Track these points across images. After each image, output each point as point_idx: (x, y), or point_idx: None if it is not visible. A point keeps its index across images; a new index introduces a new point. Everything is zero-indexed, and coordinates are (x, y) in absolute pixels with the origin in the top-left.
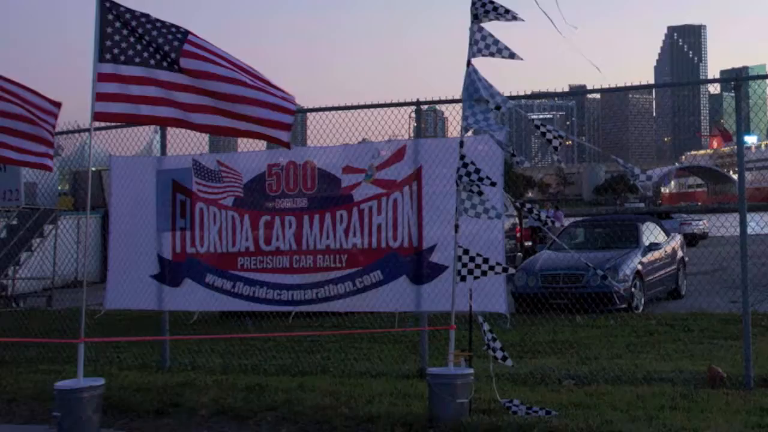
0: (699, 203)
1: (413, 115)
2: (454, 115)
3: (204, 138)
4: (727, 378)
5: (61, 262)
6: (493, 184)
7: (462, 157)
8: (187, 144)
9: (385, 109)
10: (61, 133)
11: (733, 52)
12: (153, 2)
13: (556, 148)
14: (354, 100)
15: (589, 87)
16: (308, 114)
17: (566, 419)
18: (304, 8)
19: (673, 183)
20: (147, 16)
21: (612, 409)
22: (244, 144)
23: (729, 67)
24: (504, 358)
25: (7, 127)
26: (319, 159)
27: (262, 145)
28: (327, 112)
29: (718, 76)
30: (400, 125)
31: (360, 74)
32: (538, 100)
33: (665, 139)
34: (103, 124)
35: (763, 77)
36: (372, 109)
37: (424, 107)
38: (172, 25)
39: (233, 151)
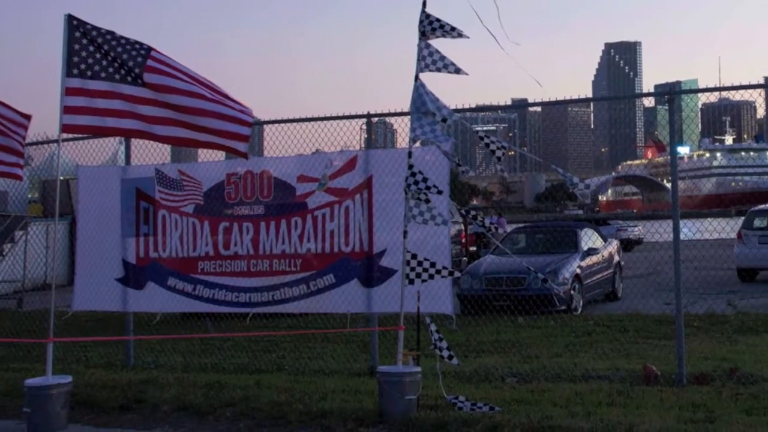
0: (634, 210)
1: (364, 127)
2: (402, 127)
3: (166, 149)
4: (661, 376)
5: (31, 266)
6: (439, 192)
7: (410, 166)
8: (150, 154)
9: (338, 121)
10: (31, 144)
11: (667, 67)
12: (117, 19)
13: (499, 159)
14: (308, 112)
15: (530, 100)
16: (265, 126)
17: (509, 415)
18: (262, 26)
19: (610, 191)
20: (112, 33)
21: (552, 405)
22: (204, 154)
23: (663, 81)
24: (450, 357)
25: None
26: (275, 168)
27: (221, 155)
28: (282, 124)
29: (652, 90)
30: (352, 137)
31: (314, 88)
32: (482, 113)
33: (602, 149)
34: (70, 135)
35: (695, 91)
36: (325, 122)
37: (375, 120)
38: (136, 42)
39: (194, 161)
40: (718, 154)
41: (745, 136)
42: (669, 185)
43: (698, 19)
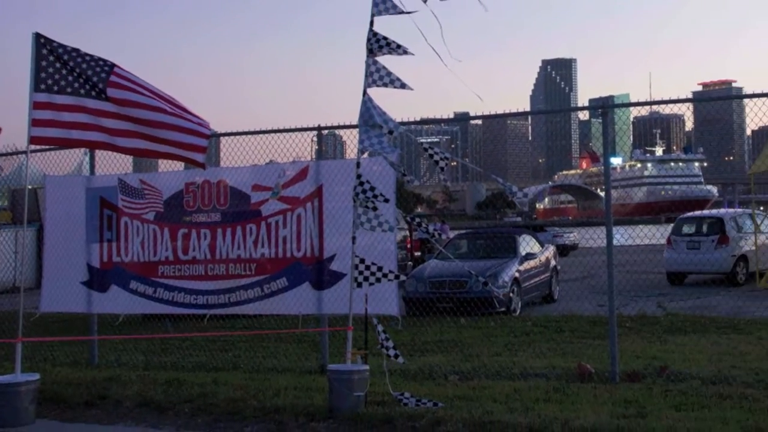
0: (570, 218)
1: (315, 138)
2: (351, 139)
3: (128, 159)
4: (595, 373)
5: (0, 270)
6: (386, 200)
7: (358, 176)
8: (114, 164)
9: (290, 133)
10: (1, 155)
11: (601, 82)
12: (81, 36)
13: (442, 169)
14: (262, 125)
15: (472, 114)
16: (221, 138)
17: (451, 410)
18: (218, 43)
19: (546, 199)
20: (77, 50)
21: (492, 401)
22: (164, 164)
23: (597, 96)
24: (396, 356)
25: None
26: (231, 178)
27: (180, 165)
28: (238, 137)
29: (587, 104)
30: (304, 148)
31: (268, 102)
32: (426, 126)
33: (540, 160)
34: (38, 147)
35: (627, 105)
36: (278, 134)
37: (325, 132)
38: (100, 59)
39: (154, 171)
40: (649, 165)
41: (675, 147)
42: (603, 194)
43: (630, 37)
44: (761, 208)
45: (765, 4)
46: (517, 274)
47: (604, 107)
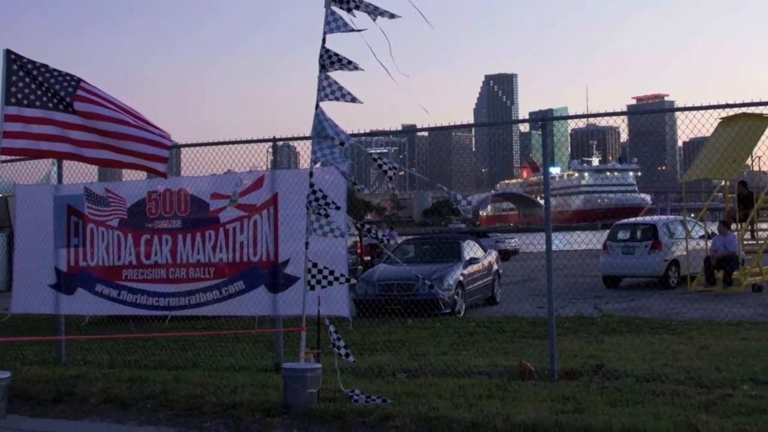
0: (511, 224)
1: (270, 149)
2: (305, 150)
3: (94, 169)
4: (535, 371)
5: None
6: (337, 208)
7: (311, 185)
8: (80, 174)
9: (247, 144)
10: None
11: (540, 96)
12: (49, 52)
13: (390, 178)
14: (221, 137)
15: (419, 126)
16: (182, 148)
17: (399, 406)
18: (178, 59)
19: (489, 207)
20: (46, 66)
21: (438, 397)
22: (128, 174)
23: (537, 109)
24: (347, 355)
25: None
26: (191, 187)
27: (143, 174)
28: (198, 147)
29: (527, 117)
30: (260, 158)
31: (226, 115)
32: (375, 137)
33: (483, 170)
34: (8, 157)
35: (565, 118)
36: (235, 145)
37: (280, 143)
38: (67, 74)
39: (118, 180)
40: (586, 174)
41: (610, 157)
42: (542, 202)
43: (568, 53)
44: (692, 215)
45: (696, 24)
46: (461, 278)
47: (543, 120)
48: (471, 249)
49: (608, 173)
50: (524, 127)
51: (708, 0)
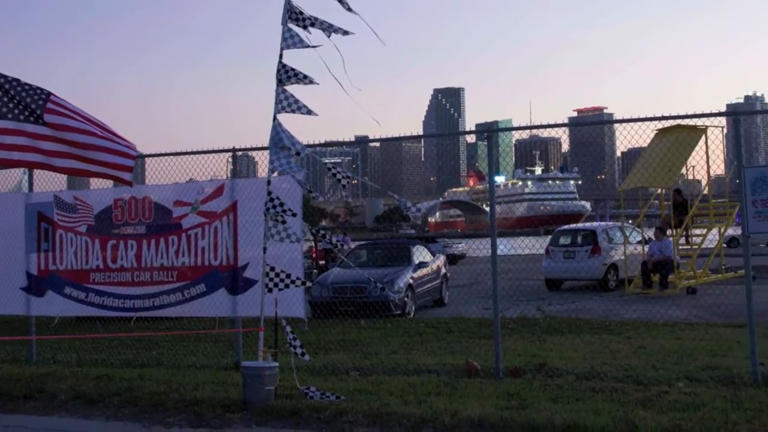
0: (459, 230)
1: (230, 159)
2: (263, 160)
3: (63, 178)
4: (481, 370)
5: None
6: (294, 214)
7: (269, 193)
8: (50, 183)
9: (208, 154)
10: None
11: (486, 109)
12: (19, 66)
13: (344, 186)
14: (183, 147)
15: (371, 137)
16: (146, 158)
17: (352, 402)
18: (142, 73)
19: (438, 214)
20: (18, 80)
21: (389, 394)
22: (95, 182)
23: (483, 121)
24: (303, 354)
25: None
26: (155, 194)
27: (109, 183)
28: (161, 157)
29: (473, 128)
30: (220, 167)
31: (188, 126)
32: (330, 148)
33: (431, 178)
34: None
35: (510, 129)
36: (197, 155)
37: (239, 153)
38: (38, 88)
39: (86, 189)
40: (529, 183)
41: (552, 167)
42: (488, 209)
43: (513, 68)
44: (630, 221)
45: (634, 41)
46: (411, 281)
47: (489, 131)
48: (420, 254)
49: (550, 182)
50: (471, 138)
51: (645, 18)
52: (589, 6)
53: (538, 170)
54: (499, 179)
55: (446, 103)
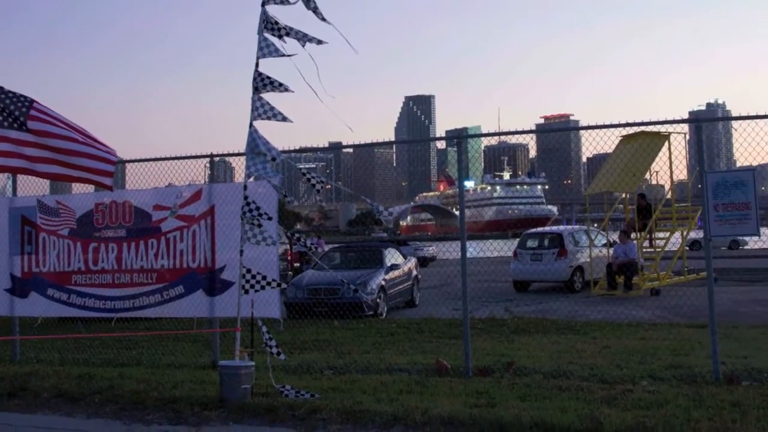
0: (429, 233)
1: (208, 165)
2: (239, 165)
3: (46, 182)
4: (451, 369)
5: None
6: (269, 218)
7: (245, 197)
8: (33, 187)
9: (186, 160)
10: None
11: (456, 116)
12: (3, 75)
13: (318, 191)
14: (162, 153)
15: (344, 143)
16: (127, 164)
17: (326, 400)
18: (125, 82)
19: (409, 217)
20: (1, 88)
21: (362, 392)
22: (77, 187)
23: (452, 127)
24: (278, 353)
25: None
26: (135, 199)
27: (91, 188)
28: (141, 163)
29: (444, 135)
30: (198, 173)
31: (167, 133)
32: (304, 153)
33: (403, 183)
34: None
35: (479, 135)
36: (176, 160)
37: (217, 159)
38: (22, 95)
39: (68, 193)
40: (498, 187)
41: (520, 172)
42: (458, 213)
43: (482, 76)
44: (595, 225)
45: (599, 50)
46: (383, 282)
47: (458, 137)
48: (392, 256)
49: (518, 186)
50: (441, 144)
51: (611, 28)
52: (556, 17)
53: (507, 175)
54: (469, 184)
55: (417, 110)
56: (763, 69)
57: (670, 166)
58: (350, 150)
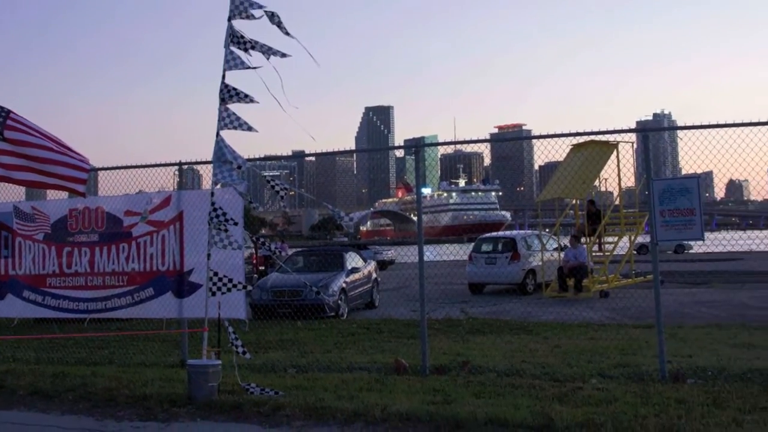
0: (388, 238)
1: (176, 172)
2: (207, 173)
3: (22, 189)
4: (409, 367)
5: None
6: (235, 223)
7: (213, 204)
8: (9, 194)
9: (156, 168)
10: None
11: (414, 125)
12: None
13: (282, 197)
14: (133, 161)
15: (307, 152)
16: (99, 171)
17: (290, 398)
18: (97, 92)
19: (369, 223)
20: None
21: (324, 390)
22: (52, 194)
23: (410, 137)
24: (244, 353)
25: None
26: (107, 205)
27: (65, 194)
28: (113, 170)
29: (402, 143)
30: (167, 180)
31: (137, 142)
32: (269, 161)
33: (363, 190)
34: None
35: (435, 144)
36: (146, 168)
37: (185, 167)
38: None
39: (44, 200)
40: (454, 194)
41: (475, 179)
42: (415, 218)
43: (438, 87)
44: (546, 230)
45: (552, 62)
46: (344, 285)
47: (416, 146)
48: (353, 260)
49: (473, 193)
50: (399, 153)
51: (563, 41)
52: (508, 29)
53: (462, 182)
54: (426, 191)
55: (377, 120)
56: (707, 81)
57: (618, 174)
58: (313, 158)
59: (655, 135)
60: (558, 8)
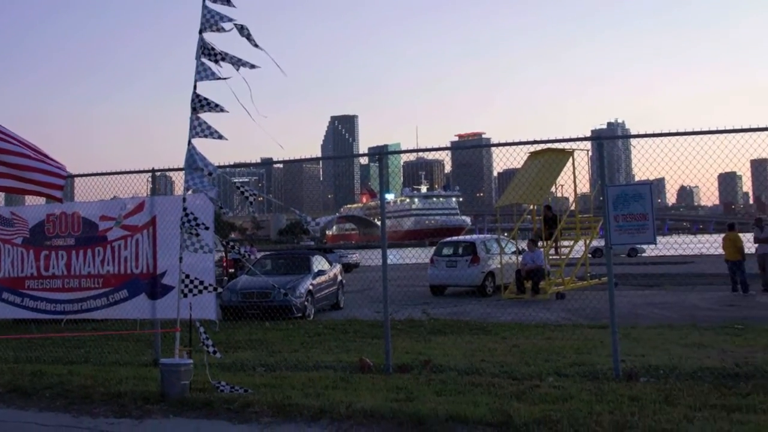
0: (353, 242)
1: (150, 179)
2: (179, 179)
3: (1, 195)
4: (373, 366)
5: None
6: (206, 228)
7: (184, 209)
8: None
9: (130, 174)
10: None
11: (378, 134)
12: None
13: (251, 203)
14: (108, 167)
15: (275, 159)
16: (76, 177)
17: (258, 395)
18: (73, 102)
19: (335, 227)
20: None
21: (291, 388)
22: (30, 199)
23: (375, 144)
24: (214, 352)
25: None
26: (83, 210)
27: (42, 200)
28: (89, 177)
29: (366, 151)
30: (141, 186)
31: (112, 149)
32: (238, 168)
33: (329, 196)
34: None
35: (398, 152)
36: (120, 175)
37: (158, 173)
38: None
39: (22, 205)
40: (416, 200)
41: (436, 186)
42: (379, 223)
43: (401, 97)
44: (505, 234)
45: (509, 73)
46: (311, 287)
47: (380, 154)
48: (319, 263)
49: (434, 199)
50: (364, 160)
51: (518, 51)
52: (467, 41)
53: (424, 188)
54: (389, 196)
55: (342, 129)
56: (659, 91)
57: (574, 180)
58: (281, 165)
59: (610, 143)
60: (516, 20)
